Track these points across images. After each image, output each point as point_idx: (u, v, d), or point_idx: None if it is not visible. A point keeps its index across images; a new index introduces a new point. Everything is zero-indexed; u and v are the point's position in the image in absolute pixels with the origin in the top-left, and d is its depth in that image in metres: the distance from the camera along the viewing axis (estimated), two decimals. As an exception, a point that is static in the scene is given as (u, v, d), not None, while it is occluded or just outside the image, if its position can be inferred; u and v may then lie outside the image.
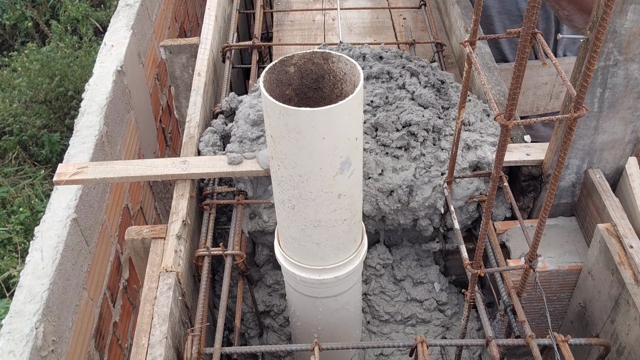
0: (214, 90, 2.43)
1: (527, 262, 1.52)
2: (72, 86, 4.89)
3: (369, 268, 2.07)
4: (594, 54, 1.14)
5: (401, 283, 2.08)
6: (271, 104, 1.23)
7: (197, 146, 2.06)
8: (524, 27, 1.11)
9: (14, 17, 5.75)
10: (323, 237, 1.47)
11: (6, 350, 1.51)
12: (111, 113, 2.21)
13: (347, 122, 1.26)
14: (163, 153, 2.91)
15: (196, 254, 1.79)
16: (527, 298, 1.89)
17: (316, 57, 1.35)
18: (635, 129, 1.78)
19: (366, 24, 3.02)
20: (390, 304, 2.07)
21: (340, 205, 1.41)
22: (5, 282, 3.70)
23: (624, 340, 1.65)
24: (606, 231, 1.71)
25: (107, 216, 2.15)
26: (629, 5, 1.50)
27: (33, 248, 1.75)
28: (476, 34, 1.49)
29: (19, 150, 4.69)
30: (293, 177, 1.34)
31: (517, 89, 1.15)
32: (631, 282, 1.61)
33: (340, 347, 1.56)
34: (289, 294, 1.76)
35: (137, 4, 2.64)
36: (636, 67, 1.63)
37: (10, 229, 4.00)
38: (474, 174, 1.88)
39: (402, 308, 2.06)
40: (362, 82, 1.26)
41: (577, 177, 1.89)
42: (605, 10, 1.09)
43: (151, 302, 1.61)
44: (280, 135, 1.27)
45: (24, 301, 1.62)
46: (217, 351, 1.56)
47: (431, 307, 2.07)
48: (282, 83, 1.36)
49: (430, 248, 2.06)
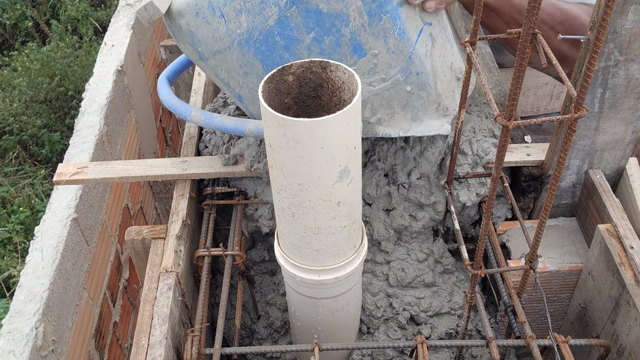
0: (214, 90, 2.43)
1: (528, 263, 1.52)
2: (73, 86, 4.89)
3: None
4: (595, 55, 1.14)
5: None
6: (270, 114, 1.23)
7: (197, 146, 2.06)
8: (524, 27, 1.10)
9: (14, 16, 5.75)
10: (323, 244, 1.47)
11: (6, 350, 1.51)
12: (111, 113, 2.21)
13: (345, 131, 1.26)
14: (163, 153, 2.91)
15: (196, 254, 1.79)
16: (527, 299, 1.89)
17: (314, 66, 1.36)
18: (635, 130, 1.78)
19: (366, 24, 3.02)
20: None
21: (340, 212, 1.41)
22: (5, 282, 3.70)
23: (624, 341, 1.65)
24: (607, 232, 1.71)
25: (107, 216, 2.15)
26: (629, 6, 1.50)
27: (33, 248, 1.75)
28: (476, 34, 1.49)
29: (19, 150, 4.69)
30: (292, 186, 1.35)
31: (517, 89, 1.15)
32: (632, 282, 1.61)
33: (340, 347, 1.57)
34: (289, 294, 1.76)
35: (137, 3, 2.63)
36: (637, 68, 1.63)
37: (10, 229, 4.00)
38: (474, 174, 1.88)
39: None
40: (359, 90, 1.26)
41: (578, 178, 1.89)
42: (605, 11, 1.09)
43: (151, 303, 1.61)
44: (279, 145, 1.28)
45: (24, 301, 1.62)
46: (217, 351, 1.56)
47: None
48: (281, 92, 1.37)
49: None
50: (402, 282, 1.98)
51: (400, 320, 1.99)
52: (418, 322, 2.00)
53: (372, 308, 1.98)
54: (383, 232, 1.96)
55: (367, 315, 1.99)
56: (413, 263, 1.99)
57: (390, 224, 1.95)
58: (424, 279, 1.99)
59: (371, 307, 1.98)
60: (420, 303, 1.99)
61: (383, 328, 1.99)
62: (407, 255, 2.00)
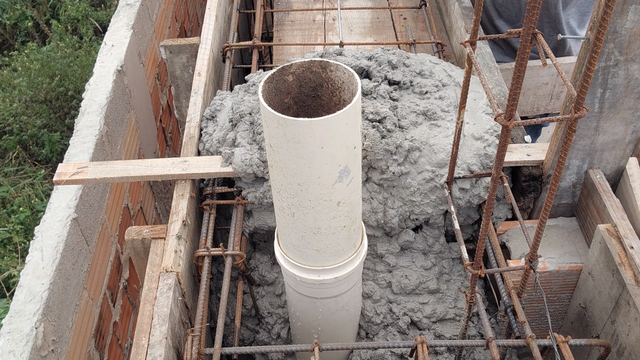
0: (214, 90, 2.43)
1: (528, 263, 1.52)
2: (72, 86, 4.89)
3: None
4: (595, 55, 1.14)
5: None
6: (269, 114, 1.23)
7: (197, 146, 2.06)
8: (524, 27, 1.10)
9: (14, 16, 5.75)
10: (323, 243, 1.47)
11: (6, 350, 1.51)
12: (111, 113, 2.21)
13: (345, 131, 1.26)
14: (163, 153, 2.91)
15: (196, 254, 1.78)
16: (527, 299, 1.89)
17: (314, 66, 1.36)
18: (635, 130, 1.78)
19: (367, 24, 3.02)
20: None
21: (340, 212, 1.41)
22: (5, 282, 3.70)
23: (624, 341, 1.65)
24: (607, 232, 1.71)
25: (107, 216, 2.15)
26: (629, 6, 1.50)
27: (33, 248, 1.75)
28: (476, 34, 1.49)
29: (19, 150, 4.69)
30: (292, 186, 1.35)
31: (517, 89, 1.15)
32: (631, 282, 1.61)
33: (340, 347, 1.56)
34: (289, 294, 1.76)
35: (138, 3, 2.63)
36: (637, 68, 1.63)
37: (10, 229, 4.00)
38: (474, 174, 1.88)
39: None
40: (359, 90, 1.26)
41: (578, 178, 1.89)
42: (605, 11, 1.09)
43: (151, 302, 1.61)
44: (279, 145, 1.28)
45: (24, 301, 1.62)
46: (217, 351, 1.56)
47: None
48: (281, 92, 1.37)
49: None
50: (406, 289, 2.00)
51: (401, 325, 1.99)
52: (420, 328, 2.01)
53: (372, 314, 1.98)
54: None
55: (367, 321, 1.99)
56: (417, 270, 2.01)
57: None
58: (428, 285, 2.00)
59: (370, 314, 1.98)
60: (424, 309, 2.00)
61: (382, 333, 2.00)
62: (412, 262, 2.02)
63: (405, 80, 2.03)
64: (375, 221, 1.93)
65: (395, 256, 2.01)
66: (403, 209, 1.92)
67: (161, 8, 3.02)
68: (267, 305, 2.08)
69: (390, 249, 2.00)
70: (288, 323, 2.05)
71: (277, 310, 2.07)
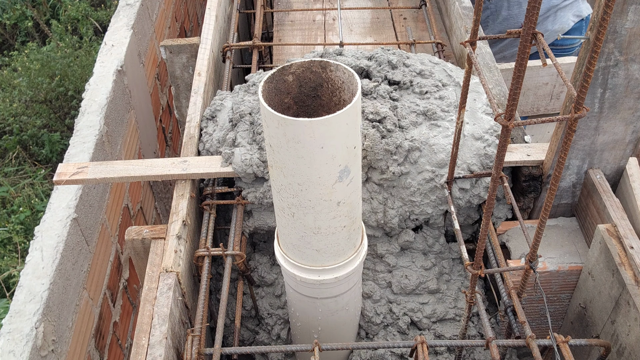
0: (214, 90, 2.43)
1: (528, 263, 1.52)
2: (72, 86, 4.89)
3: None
4: (595, 54, 1.14)
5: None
6: (269, 114, 1.23)
7: (197, 146, 2.06)
8: (524, 27, 1.10)
9: (14, 16, 5.75)
10: (322, 243, 1.47)
11: (6, 350, 1.51)
12: (111, 113, 2.21)
13: (345, 131, 1.26)
14: (163, 153, 2.91)
15: (196, 254, 1.79)
16: (527, 299, 1.89)
17: (314, 66, 1.36)
18: (635, 130, 1.78)
19: (366, 24, 3.02)
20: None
21: (340, 212, 1.41)
22: (5, 282, 3.70)
23: (624, 341, 1.65)
24: (607, 232, 1.71)
25: (107, 216, 2.15)
26: (629, 6, 1.50)
27: (33, 248, 1.75)
28: (476, 34, 1.49)
29: (19, 150, 4.69)
30: (292, 186, 1.35)
31: (517, 89, 1.15)
32: (631, 282, 1.61)
33: (340, 347, 1.56)
34: (289, 294, 1.76)
35: (138, 3, 2.63)
36: (637, 68, 1.63)
37: (10, 229, 4.00)
38: (474, 174, 1.88)
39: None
40: (359, 90, 1.26)
41: (578, 178, 1.89)
42: (605, 11, 1.09)
43: (151, 302, 1.61)
44: (279, 145, 1.28)
45: (24, 301, 1.62)
46: (217, 351, 1.56)
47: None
48: (281, 92, 1.37)
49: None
50: (406, 289, 2.00)
51: (400, 325, 1.99)
52: (420, 328, 2.01)
53: (372, 314, 1.98)
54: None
55: (367, 321, 1.99)
56: (417, 270, 2.01)
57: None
58: (428, 285, 2.00)
59: (370, 314, 1.98)
60: (424, 309, 2.00)
61: (382, 333, 2.00)
62: (412, 263, 2.02)
63: (405, 80, 2.03)
64: (375, 221, 1.93)
65: (395, 256, 2.01)
66: (403, 209, 1.93)
67: (161, 8, 3.02)
68: (266, 306, 2.08)
69: (390, 249, 2.01)
70: (288, 324, 2.05)
71: (276, 311, 2.07)
